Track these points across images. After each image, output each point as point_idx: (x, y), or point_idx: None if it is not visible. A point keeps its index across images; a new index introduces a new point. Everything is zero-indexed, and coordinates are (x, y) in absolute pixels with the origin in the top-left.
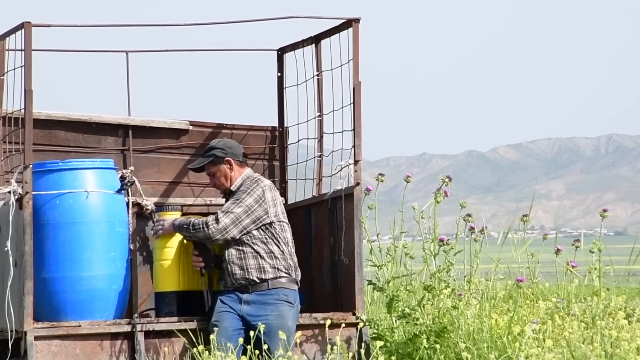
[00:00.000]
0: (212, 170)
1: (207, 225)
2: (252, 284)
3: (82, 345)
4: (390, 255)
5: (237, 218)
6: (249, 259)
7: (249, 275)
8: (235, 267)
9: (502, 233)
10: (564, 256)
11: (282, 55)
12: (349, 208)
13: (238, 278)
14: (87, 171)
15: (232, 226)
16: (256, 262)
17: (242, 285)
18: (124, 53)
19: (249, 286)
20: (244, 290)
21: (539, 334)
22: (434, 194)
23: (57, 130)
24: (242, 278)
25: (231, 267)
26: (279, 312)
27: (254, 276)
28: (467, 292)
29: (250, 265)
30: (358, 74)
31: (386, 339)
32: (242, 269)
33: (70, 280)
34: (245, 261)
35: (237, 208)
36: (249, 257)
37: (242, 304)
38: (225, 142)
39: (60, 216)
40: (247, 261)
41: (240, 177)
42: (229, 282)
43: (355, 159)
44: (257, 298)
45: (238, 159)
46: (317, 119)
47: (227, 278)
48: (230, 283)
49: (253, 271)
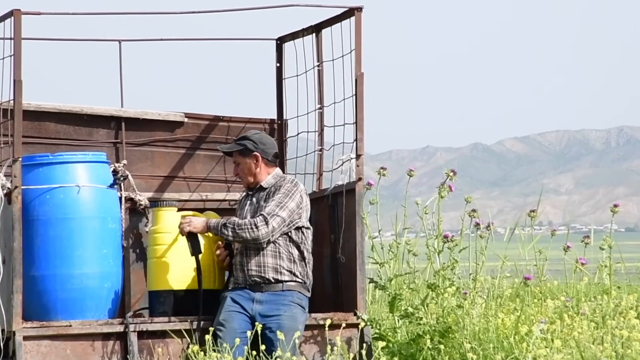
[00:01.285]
0: (238, 160)
1: (256, 227)
2: (267, 282)
3: (72, 345)
4: (393, 253)
5: (282, 222)
6: (267, 257)
7: (264, 273)
8: (252, 263)
9: (508, 229)
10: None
11: (282, 45)
12: (351, 204)
13: (253, 275)
14: (79, 165)
15: (278, 230)
16: (274, 261)
17: (256, 284)
18: (117, 42)
19: (262, 285)
20: (256, 288)
21: (547, 334)
22: (437, 189)
23: (47, 122)
24: (257, 276)
25: (247, 262)
26: (292, 314)
27: (270, 275)
28: (472, 291)
29: (268, 263)
30: (360, 65)
31: (388, 339)
32: (259, 266)
33: (61, 278)
34: (263, 258)
35: (282, 212)
36: (268, 255)
37: (255, 302)
38: (261, 137)
39: (51, 212)
40: (266, 259)
41: (269, 175)
42: (241, 278)
43: (357, 153)
44: (271, 298)
45: (267, 158)
46: (318, 112)
47: (239, 274)
48: (243, 279)
49: (269, 270)
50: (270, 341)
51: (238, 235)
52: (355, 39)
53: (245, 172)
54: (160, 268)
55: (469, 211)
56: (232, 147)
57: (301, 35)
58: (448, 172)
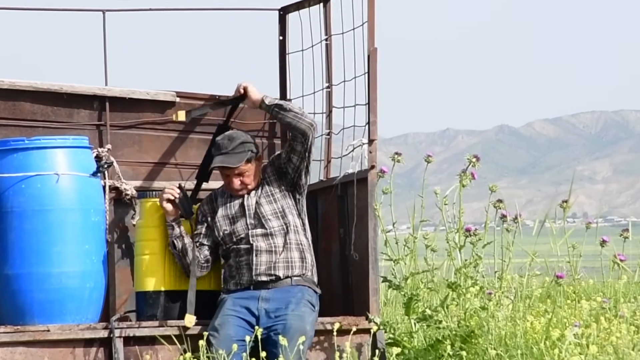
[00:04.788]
0: (244, 168)
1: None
2: (275, 280)
3: (51, 353)
4: (409, 248)
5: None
6: (278, 253)
7: (275, 270)
8: (261, 261)
9: (538, 222)
10: (611, 248)
11: (285, 16)
12: (362, 195)
13: (262, 273)
14: (58, 150)
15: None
16: (286, 255)
17: (262, 282)
18: (101, 12)
19: (270, 283)
20: (262, 286)
21: (582, 339)
22: (459, 177)
23: (22, 102)
24: (266, 274)
25: (257, 261)
26: (300, 313)
27: (281, 272)
28: (497, 291)
29: (279, 259)
30: (374, 39)
31: (404, 345)
32: (270, 262)
33: (38, 277)
34: (274, 256)
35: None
36: (279, 252)
37: (261, 301)
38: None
39: (26, 203)
40: (277, 256)
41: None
42: (246, 278)
43: (369, 138)
44: (278, 295)
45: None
46: (326, 91)
47: (244, 274)
48: (248, 279)
49: (280, 267)
50: (275, 344)
51: (296, 115)
52: (368, 9)
53: (251, 178)
54: (148, 266)
55: (494, 202)
56: (241, 158)
57: (307, 4)
58: (470, 158)
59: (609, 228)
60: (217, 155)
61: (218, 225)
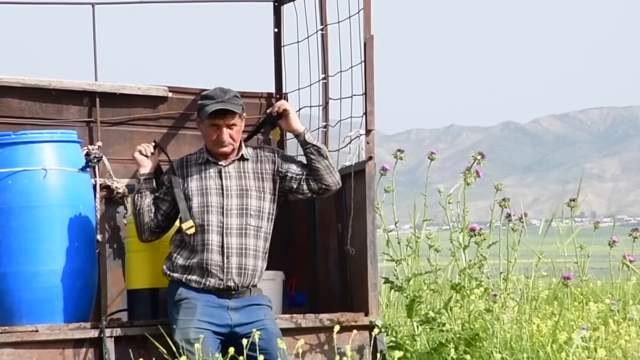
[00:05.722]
0: (234, 121)
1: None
2: (239, 289)
3: (39, 354)
4: (411, 248)
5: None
6: (249, 257)
7: (245, 277)
8: (232, 265)
9: (544, 221)
10: (620, 249)
11: (280, 7)
12: (360, 188)
13: (233, 279)
14: (46, 145)
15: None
16: (255, 262)
17: (227, 289)
18: (90, 5)
19: (233, 292)
20: (225, 294)
21: (590, 343)
22: (463, 174)
23: (10, 99)
24: (236, 281)
25: (227, 263)
26: (271, 317)
27: (248, 281)
28: (503, 292)
29: (249, 265)
30: (370, 26)
31: (406, 348)
32: (241, 268)
33: (26, 276)
34: (245, 259)
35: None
36: (250, 256)
37: (230, 310)
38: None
39: (13, 199)
40: (248, 260)
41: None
42: (213, 281)
43: (367, 129)
44: (244, 303)
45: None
46: (322, 82)
47: (211, 275)
48: (215, 283)
49: (249, 275)
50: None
51: (324, 161)
52: None
53: (238, 136)
54: (140, 263)
55: (500, 200)
56: (238, 108)
57: None
58: (475, 155)
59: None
60: (212, 104)
61: (186, 196)
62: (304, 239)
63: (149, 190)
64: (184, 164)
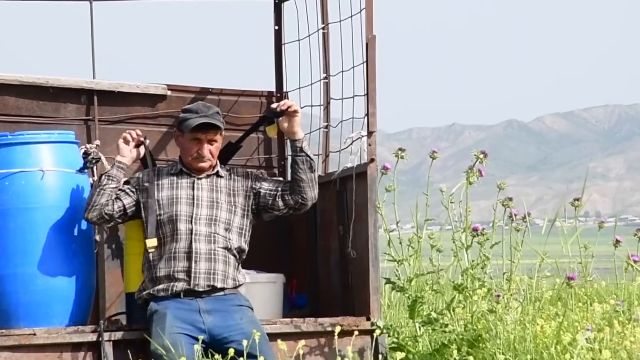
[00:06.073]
0: (215, 137)
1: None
2: (210, 291)
3: (37, 357)
4: (413, 248)
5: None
6: (219, 262)
7: (214, 282)
8: (200, 269)
9: (548, 221)
10: (625, 249)
11: (280, 5)
12: (362, 190)
13: (200, 284)
14: (43, 146)
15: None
16: (224, 268)
17: (196, 292)
18: (88, 2)
19: (204, 293)
20: (192, 295)
21: (594, 344)
22: (465, 174)
23: (6, 97)
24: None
25: (195, 268)
26: (250, 318)
27: (219, 284)
28: (506, 293)
29: (219, 270)
30: (372, 26)
31: (408, 349)
32: (209, 273)
33: (23, 278)
34: (214, 264)
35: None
36: (219, 261)
37: (203, 313)
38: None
39: (10, 200)
40: (217, 265)
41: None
42: (180, 286)
43: (368, 130)
44: (217, 305)
45: None
46: (323, 82)
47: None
48: (182, 287)
49: (219, 279)
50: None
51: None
52: None
53: (214, 153)
54: (139, 266)
55: (503, 200)
56: (217, 123)
57: None
58: (478, 154)
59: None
60: (195, 117)
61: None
62: (305, 240)
63: (117, 178)
64: (157, 173)
